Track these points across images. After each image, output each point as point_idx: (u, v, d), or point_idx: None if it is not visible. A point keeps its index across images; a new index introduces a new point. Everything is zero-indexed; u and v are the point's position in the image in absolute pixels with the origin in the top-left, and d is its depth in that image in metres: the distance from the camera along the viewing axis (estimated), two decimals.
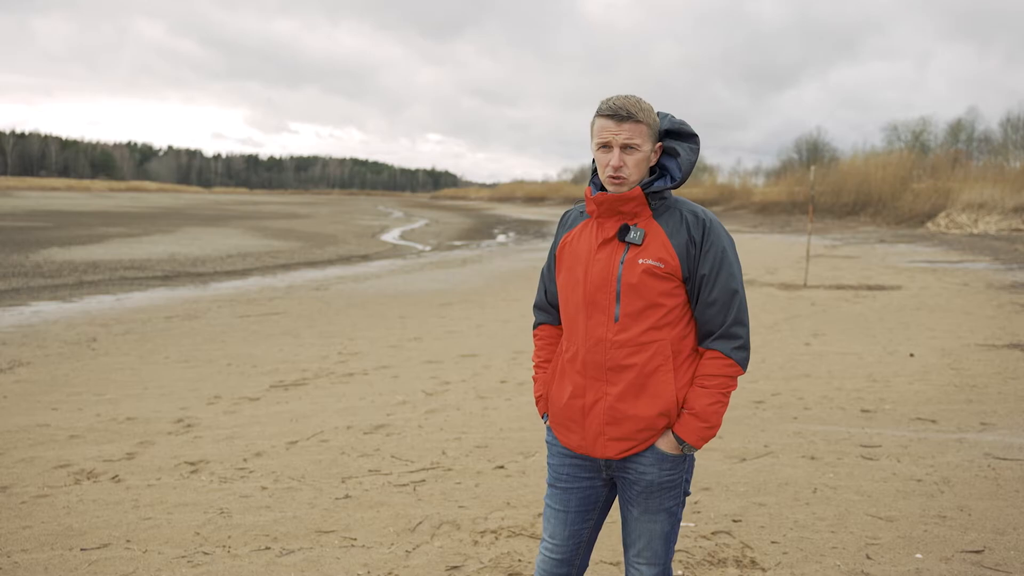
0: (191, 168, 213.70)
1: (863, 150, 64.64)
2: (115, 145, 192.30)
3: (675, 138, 2.44)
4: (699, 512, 4.33)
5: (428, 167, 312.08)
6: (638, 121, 2.31)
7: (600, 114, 2.34)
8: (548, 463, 2.59)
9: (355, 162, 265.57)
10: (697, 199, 61.92)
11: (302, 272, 19.06)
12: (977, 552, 3.82)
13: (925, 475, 4.90)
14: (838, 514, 4.30)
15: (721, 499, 4.52)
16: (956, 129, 56.74)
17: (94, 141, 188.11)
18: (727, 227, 2.49)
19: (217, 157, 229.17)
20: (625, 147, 2.32)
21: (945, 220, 36.00)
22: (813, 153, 60.37)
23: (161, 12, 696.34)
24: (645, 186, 2.37)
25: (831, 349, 9.19)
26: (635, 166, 2.34)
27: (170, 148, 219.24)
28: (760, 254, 23.61)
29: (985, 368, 8.06)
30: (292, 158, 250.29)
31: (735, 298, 2.36)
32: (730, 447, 5.48)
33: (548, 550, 2.56)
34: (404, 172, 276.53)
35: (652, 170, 2.43)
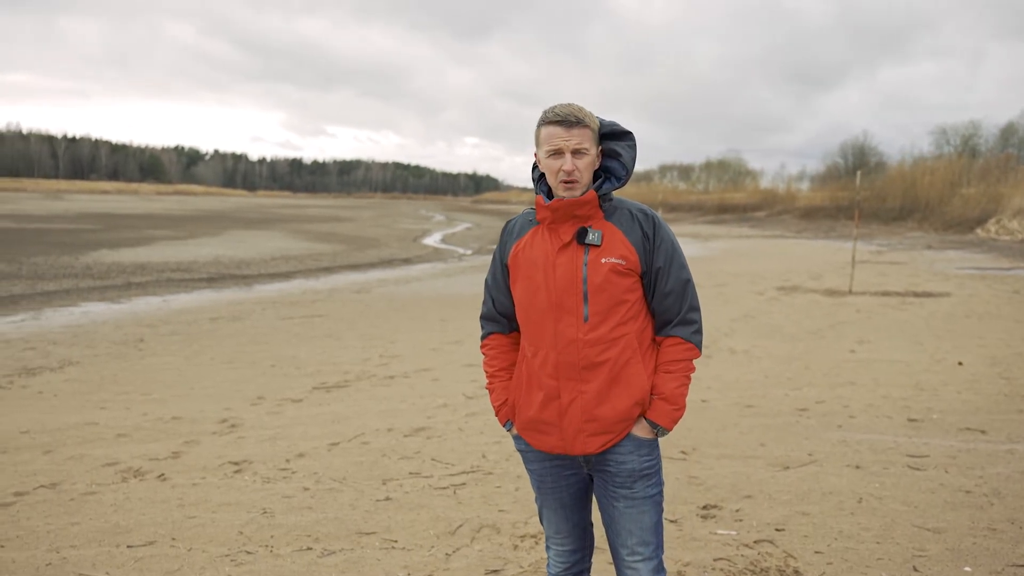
0: (236, 172, 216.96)
1: (911, 154, 63.59)
2: (163, 149, 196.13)
3: (611, 139, 2.52)
4: (741, 520, 4.28)
5: (468, 171, 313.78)
6: (585, 126, 2.40)
7: (548, 122, 2.42)
8: (528, 470, 2.66)
9: (397, 166, 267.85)
10: (740, 204, 61.48)
11: (344, 275, 19.25)
12: None
13: (974, 486, 4.79)
14: (884, 525, 4.22)
15: (764, 507, 4.47)
16: (1008, 132, 55.45)
17: (143, 145, 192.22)
18: (770, 232, 2.48)
19: (262, 161, 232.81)
20: (576, 152, 2.39)
21: (995, 226, 35.19)
22: (859, 157, 59.41)
23: (188, 12, 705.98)
24: (597, 189, 2.46)
25: (877, 356, 9.03)
26: (586, 169, 2.42)
27: (216, 152, 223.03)
28: (804, 260, 23.31)
29: None
30: (335, 162, 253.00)
31: (688, 286, 2.51)
32: (773, 455, 5.41)
33: (558, 544, 2.68)
34: (446, 176, 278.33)
35: (596, 174, 2.52)
